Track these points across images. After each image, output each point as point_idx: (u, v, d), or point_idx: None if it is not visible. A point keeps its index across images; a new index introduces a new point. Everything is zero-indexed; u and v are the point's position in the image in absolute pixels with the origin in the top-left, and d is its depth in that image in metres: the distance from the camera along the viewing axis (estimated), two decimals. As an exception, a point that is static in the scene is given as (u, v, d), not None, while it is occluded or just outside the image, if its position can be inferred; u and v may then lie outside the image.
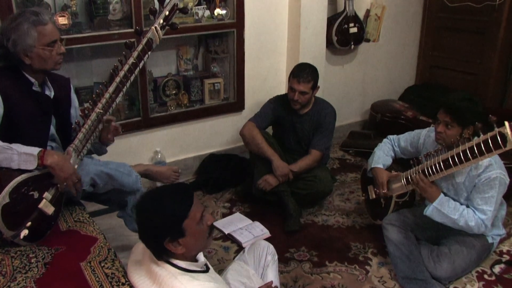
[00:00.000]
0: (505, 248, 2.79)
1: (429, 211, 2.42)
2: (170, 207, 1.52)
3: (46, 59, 2.05)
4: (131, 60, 2.15)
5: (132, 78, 2.18)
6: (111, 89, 2.13)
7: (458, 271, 2.49)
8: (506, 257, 2.71)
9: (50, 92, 2.19)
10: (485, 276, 2.58)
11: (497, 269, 2.62)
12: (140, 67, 2.20)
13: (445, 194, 2.45)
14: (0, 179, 1.88)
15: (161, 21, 2.19)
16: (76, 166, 2.08)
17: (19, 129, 2.03)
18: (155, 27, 2.18)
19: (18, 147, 1.91)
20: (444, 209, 2.38)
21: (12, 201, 1.87)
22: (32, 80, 2.09)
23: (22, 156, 1.90)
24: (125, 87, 2.17)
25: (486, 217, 2.35)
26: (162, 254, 1.57)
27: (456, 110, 2.32)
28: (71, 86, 2.34)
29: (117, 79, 2.14)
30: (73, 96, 2.34)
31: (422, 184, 2.42)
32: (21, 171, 1.91)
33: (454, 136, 2.32)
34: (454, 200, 2.43)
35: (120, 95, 2.17)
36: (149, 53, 2.20)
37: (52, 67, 2.10)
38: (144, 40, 2.16)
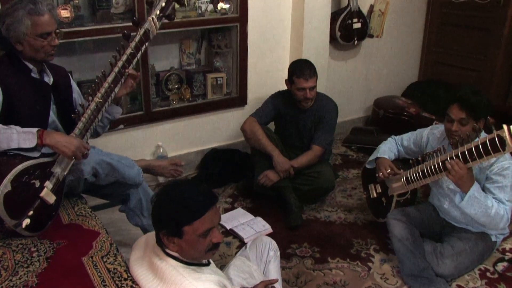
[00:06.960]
0: (508, 246, 2.78)
1: (466, 199, 2.26)
2: (179, 207, 1.51)
3: (38, 49, 2.05)
4: (129, 50, 2.16)
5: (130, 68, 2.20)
6: (109, 78, 2.14)
7: (461, 269, 2.48)
8: (509, 255, 2.70)
9: (49, 79, 2.19)
10: (488, 274, 2.57)
11: (500, 267, 2.61)
12: (138, 57, 2.21)
13: (453, 189, 2.40)
14: (0, 168, 1.87)
15: (158, 12, 2.21)
16: None
17: (19, 115, 2.03)
18: (152, 18, 2.20)
19: (17, 128, 1.93)
20: (481, 196, 2.27)
21: (13, 190, 1.87)
22: (31, 66, 2.09)
23: (21, 134, 1.91)
24: (124, 77, 2.18)
25: (508, 207, 2.33)
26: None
27: (471, 105, 2.30)
28: (69, 74, 2.35)
29: (116, 69, 2.15)
30: (73, 83, 2.36)
31: (458, 168, 2.19)
32: (22, 160, 1.91)
33: (469, 131, 2.29)
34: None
35: (119, 85, 2.18)
36: (147, 43, 2.21)
37: (43, 57, 2.10)
38: (142, 31, 2.18)
